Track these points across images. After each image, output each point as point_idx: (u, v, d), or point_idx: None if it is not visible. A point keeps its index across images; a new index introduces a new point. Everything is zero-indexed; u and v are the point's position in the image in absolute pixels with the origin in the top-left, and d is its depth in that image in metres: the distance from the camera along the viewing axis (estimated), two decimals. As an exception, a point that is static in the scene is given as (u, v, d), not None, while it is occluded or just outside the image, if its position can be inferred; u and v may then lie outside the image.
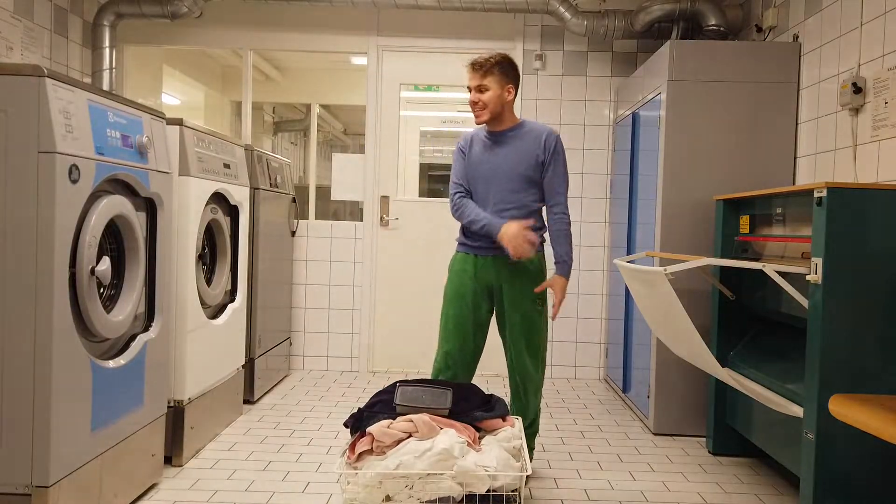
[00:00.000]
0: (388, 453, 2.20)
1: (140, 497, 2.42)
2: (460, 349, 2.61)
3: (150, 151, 2.38)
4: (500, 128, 2.60)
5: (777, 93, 3.27)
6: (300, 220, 4.49)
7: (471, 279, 2.61)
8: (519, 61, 4.42)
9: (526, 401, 2.64)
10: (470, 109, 2.60)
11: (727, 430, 3.01)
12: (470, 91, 2.57)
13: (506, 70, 2.55)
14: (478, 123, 2.60)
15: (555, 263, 2.60)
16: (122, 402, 2.24)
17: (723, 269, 2.98)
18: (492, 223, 2.51)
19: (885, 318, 2.10)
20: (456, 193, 2.62)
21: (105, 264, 2.05)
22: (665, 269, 2.30)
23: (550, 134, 2.58)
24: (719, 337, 2.99)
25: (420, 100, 4.61)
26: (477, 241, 2.60)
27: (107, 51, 4.12)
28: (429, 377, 2.73)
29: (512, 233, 2.44)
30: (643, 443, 3.20)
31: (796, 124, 3.27)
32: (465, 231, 2.64)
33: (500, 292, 2.61)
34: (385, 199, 4.50)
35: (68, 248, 1.93)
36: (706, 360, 2.44)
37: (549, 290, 2.65)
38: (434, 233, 4.47)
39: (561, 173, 2.58)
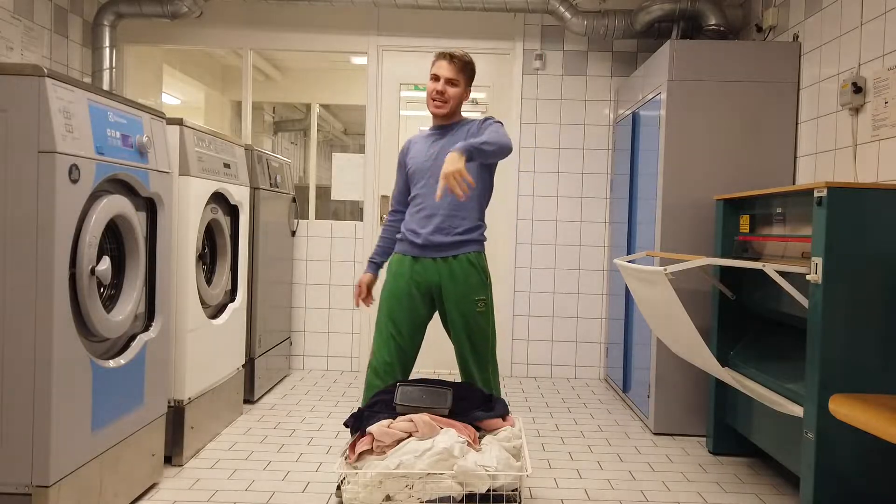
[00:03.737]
0: (388, 453, 2.21)
1: (140, 497, 2.42)
2: (398, 354, 2.56)
3: (151, 151, 2.38)
4: (447, 122, 2.62)
5: (777, 93, 3.27)
6: (300, 220, 4.49)
7: (407, 282, 2.56)
8: (519, 61, 4.42)
9: None
10: (429, 98, 2.54)
11: (727, 430, 3.01)
12: (436, 80, 2.53)
13: (472, 72, 2.61)
14: (436, 114, 2.57)
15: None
16: (123, 402, 2.24)
17: (723, 268, 2.98)
18: (368, 261, 2.74)
19: (885, 318, 2.10)
20: (390, 208, 2.76)
21: (105, 264, 2.05)
22: (665, 269, 2.30)
23: (486, 118, 2.56)
24: (719, 337, 2.99)
25: (420, 100, 4.60)
26: (416, 241, 2.54)
27: (107, 50, 4.12)
28: (429, 377, 2.73)
29: (453, 168, 2.24)
30: (643, 443, 3.20)
31: (796, 124, 3.27)
32: (406, 230, 2.59)
33: (440, 293, 2.55)
34: (385, 199, 4.50)
35: (68, 248, 1.93)
36: (706, 360, 2.44)
37: (490, 286, 2.60)
38: (434, 232, 4.47)
39: (493, 126, 2.48)
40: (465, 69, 2.56)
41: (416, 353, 2.62)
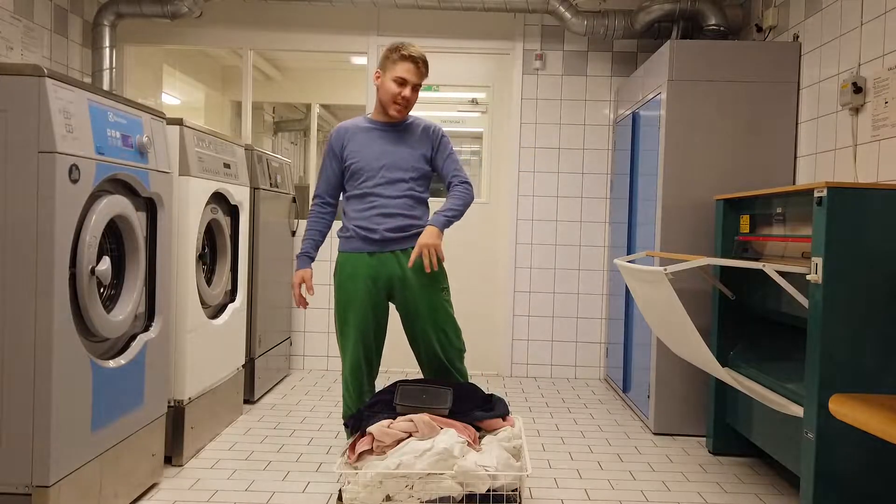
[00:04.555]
0: (388, 453, 2.21)
1: (140, 497, 2.42)
2: (365, 357, 2.56)
3: (151, 151, 2.38)
4: (399, 120, 2.61)
5: (777, 93, 3.27)
6: (300, 220, 4.49)
7: (364, 280, 2.52)
8: (519, 61, 4.42)
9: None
10: (391, 100, 2.52)
11: (727, 430, 3.01)
12: (402, 83, 2.51)
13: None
14: (399, 119, 2.58)
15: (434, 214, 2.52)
16: (123, 402, 2.24)
17: (723, 268, 2.98)
18: (301, 256, 2.64)
19: (885, 318, 2.10)
20: (317, 198, 2.65)
21: (105, 264, 2.05)
22: (665, 269, 2.30)
23: (435, 126, 2.65)
24: (719, 337, 2.99)
25: (419, 99, 4.59)
26: (372, 237, 2.51)
27: (107, 51, 4.12)
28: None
29: (433, 242, 2.41)
30: (643, 443, 3.20)
31: (796, 124, 3.27)
32: (357, 228, 2.53)
33: (403, 284, 2.52)
34: (385, 199, 4.49)
35: (68, 248, 1.93)
36: (706, 360, 2.44)
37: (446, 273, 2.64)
38: (434, 233, 4.47)
39: (453, 156, 2.63)
40: (426, 75, 2.58)
41: (382, 349, 2.64)
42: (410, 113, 2.67)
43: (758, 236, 2.77)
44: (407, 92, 2.51)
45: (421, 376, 2.85)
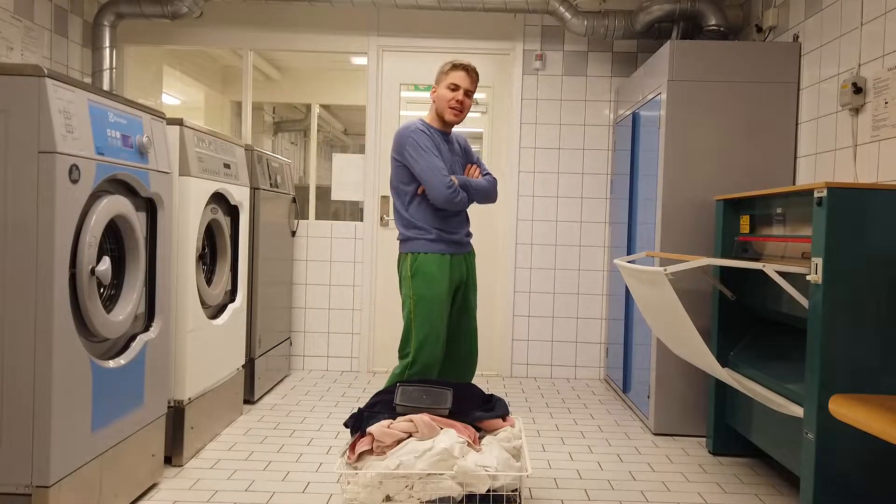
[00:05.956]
0: (388, 453, 2.21)
1: (140, 497, 2.42)
2: (442, 350, 2.71)
3: (151, 151, 2.38)
4: (449, 130, 2.80)
5: (777, 93, 3.27)
6: (300, 220, 4.49)
7: (448, 281, 2.67)
8: (519, 61, 4.42)
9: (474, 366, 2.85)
10: (447, 106, 2.68)
11: (727, 430, 3.01)
12: (456, 89, 2.67)
13: None
14: (455, 124, 2.75)
15: None
16: (123, 402, 2.24)
17: (723, 269, 2.98)
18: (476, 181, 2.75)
19: (885, 318, 2.10)
20: (451, 179, 2.61)
21: (105, 264, 2.05)
22: (665, 269, 2.30)
23: (463, 137, 2.89)
24: (719, 337, 2.99)
25: (420, 100, 4.60)
26: (454, 238, 2.70)
27: (107, 51, 4.12)
28: (429, 377, 2.73)
29: None
30: (643, 443, 3.20)
31: (796, 124, 3.27)
32: (440, 230, 2.67)
33: (467, 284, 2.77)
34: (385, 199, 4.50)
35: (68, 248, 1.93)
36: (706, 360, 2.44)
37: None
38: (434, 233, 4.47)
39: (478, 159, 2.90)
40: (477, 82, 2.74)
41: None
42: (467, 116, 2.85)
43: (758, 236, 2.77)
44: (460, 95, 2.67)
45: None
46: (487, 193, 2.77)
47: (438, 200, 2.59)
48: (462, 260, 2.74)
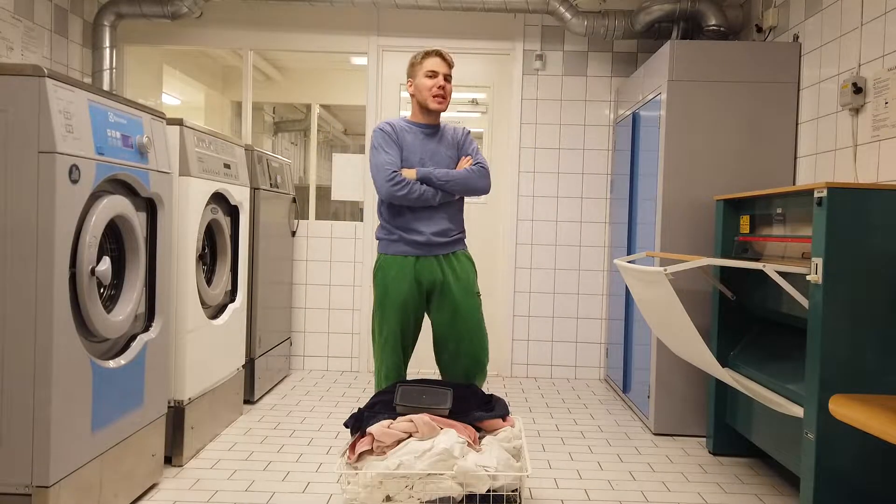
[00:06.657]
0: (388, 453, 2.21)
1: (140, 497, 2.42)
2: (403, 361, 2.65)
3: (151, 151, 2.38)
4: (435, 122, 2.67)
5: (777, 93, 3.27)
6: (300, 220, 4.49)
7: (410, 284, 2.57)
8: (519, 61, 4.42)
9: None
10: (429, 93, 2.59)
11: (727, 430, 3.01)
12: (434, 75, 2.59)
13: None
14: (441, 111, 2.63)
15: None
16: (123, 402, 2.24)
17: (723, 269, 2.98)
18: (455, 172, 2.58)
19: (885, 318, 2.10)
20: (394, 173, 2.50)
21: (105, 264, 2.05)
22: (665, 269, 2.30)
23: (462, 128, 2.75)
24: (719, 337, 2.99)
25: (420, 100, 4.60)
26: (417, 240, 2.56)
27: (107, 51, 4.12)
28: (429, 377, 2.73)
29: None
30: (643, 443, 3.20)
31: (796, 124, 3.27)
32: (402, 230, 2.57)
33: (443, 288, 2.60)
34: (385, 200, 4.49)
35: (68, 248, 1.93)
36: (706, 360, 2.44)
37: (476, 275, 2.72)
38: (434, 233, 4.46)
39: (475, 146, 2.72)
40: (452, 66, 2.65)
41: (411, 353, 2.71)
42: (465, 116, 2.80)
43: (758, 236, 2.77)
44: (441, 81, 2.58)
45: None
46: (466, 183, 2.58)
47: (382, 195, 2.53)
48: (434, 262, 2.58)
